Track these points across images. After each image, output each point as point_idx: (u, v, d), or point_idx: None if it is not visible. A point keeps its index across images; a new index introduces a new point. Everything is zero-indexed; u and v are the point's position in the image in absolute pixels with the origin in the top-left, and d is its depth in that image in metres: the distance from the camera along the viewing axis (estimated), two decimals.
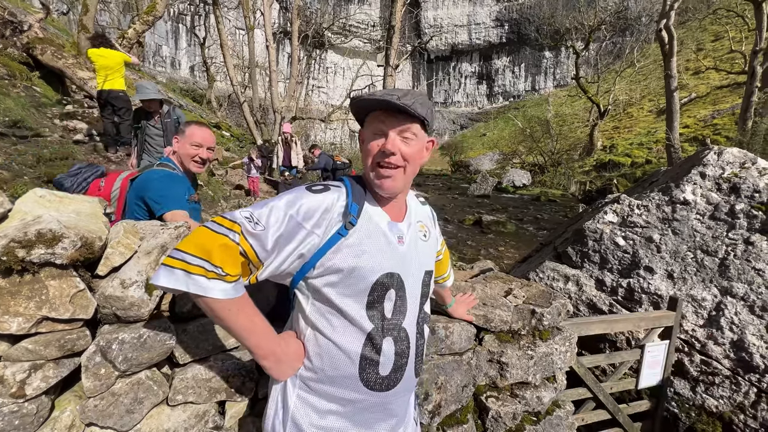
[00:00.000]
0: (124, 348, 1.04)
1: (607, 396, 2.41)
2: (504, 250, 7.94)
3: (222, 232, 0.81)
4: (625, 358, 2.55)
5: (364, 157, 0.96)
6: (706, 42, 31.12)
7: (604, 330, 2.38)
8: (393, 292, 0.94)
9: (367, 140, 0.94)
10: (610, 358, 2.52)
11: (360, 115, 0.98)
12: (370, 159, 0.93)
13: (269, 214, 0.85)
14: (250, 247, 0.83)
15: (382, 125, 0.91)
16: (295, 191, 0.91)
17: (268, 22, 14.23)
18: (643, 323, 2.59)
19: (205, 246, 0.80)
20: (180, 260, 0.79)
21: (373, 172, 0.93)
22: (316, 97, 49.84)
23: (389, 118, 0.90)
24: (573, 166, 19.94)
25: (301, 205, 0.87)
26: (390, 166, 0.91)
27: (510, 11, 51.47)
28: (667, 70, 11.52)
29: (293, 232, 0.86)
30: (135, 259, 1.13)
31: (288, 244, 0.86)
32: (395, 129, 0.90)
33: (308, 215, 0.87)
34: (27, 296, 0.92)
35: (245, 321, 0.87)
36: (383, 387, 0.94)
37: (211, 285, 0.79)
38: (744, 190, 2.84)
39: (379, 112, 0.92)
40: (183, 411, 1.15)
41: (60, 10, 22.35)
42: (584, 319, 2.48)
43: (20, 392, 0.93)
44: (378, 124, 0.91)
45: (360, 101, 0.92)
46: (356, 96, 0.92)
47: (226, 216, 0.85)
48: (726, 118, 19.26)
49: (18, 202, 1.06)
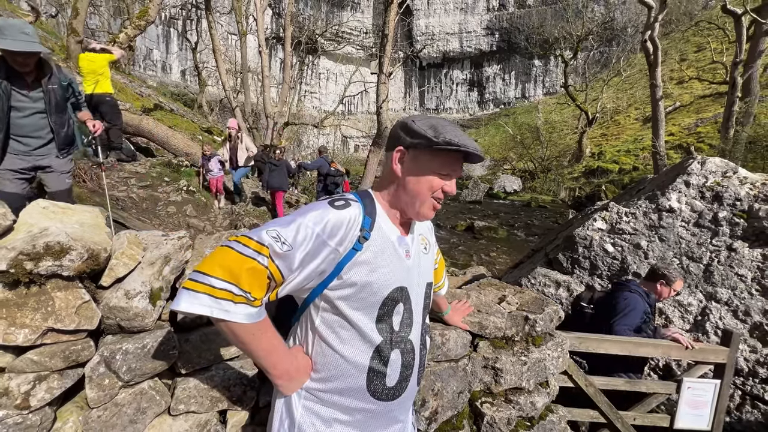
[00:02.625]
0: (127, 358, 1.05)
1: (628, 427, 2.19)
2: (496, 256, 8.02)
3: (250, 255, 0.79)
4: (655, 389, 2.24)
5: (414, 187, 0.95)
6: (689, 53, 32.07)
7: (619, 351, 2.17)
8: (401, 306, 0.97)
9: (427, 175, 0.95)
10: (633, 385, 2.24)
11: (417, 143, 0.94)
12: (428, 194, 0.96)
13: (297, 233, 0.84)
14: (277, 269, 0.82)
15: (455, 170, 0.96)
16: (319, 207, 0.90)
17: (260, 28, 14.27)
18: (680, 353, 2.27)
19: (232, 269, 0.77)
20: (205, 284, 0.76)
21: (426, 205, 0.97)
22: (309, 103, 49.84)
23: (460, 164, 0.97)
24: (562, 173, 20.28)
25: (327, 222, 0.87)
26: (441, 201, 0.98)
27: (500, 20, 52.40)
28: (653, 80, 11.85)
29: (318, 249, 0.85)
30: (139, 270, 1.14)
31: (312, 262, 0.85)
32: (460, 175, 0.98)
33: (333, 232, 0.87)
34: (33, 308, 0.93)
35: (266, 343, 0.87)
36: (389, 397, 0.97)
37: (237, 309, 0.77)
38: (726, 198, 2.95)
39: (455, 155, 0.94)
40: (185, 421, 1.16)
41: (48, 13, 22.06)
42: (597, 336, 2.24)
43: (25, 403, 0.93)
44: (451, 167, 0.95)
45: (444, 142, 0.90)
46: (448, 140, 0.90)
47: (252, 237, 0.82)
48: (709, 127, 19.82)
49: (22, 214, 1.07)
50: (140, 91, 14.78)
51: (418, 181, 0.95)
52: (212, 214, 6.34)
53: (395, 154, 0.98)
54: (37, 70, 2.44)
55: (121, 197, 5.60)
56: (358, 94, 25.22)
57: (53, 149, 2.62)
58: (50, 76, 2.51)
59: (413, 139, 0.94)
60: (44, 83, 2.47)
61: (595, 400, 2.16)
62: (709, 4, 30.82)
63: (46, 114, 2.52)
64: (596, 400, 2.16)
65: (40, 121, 2.52)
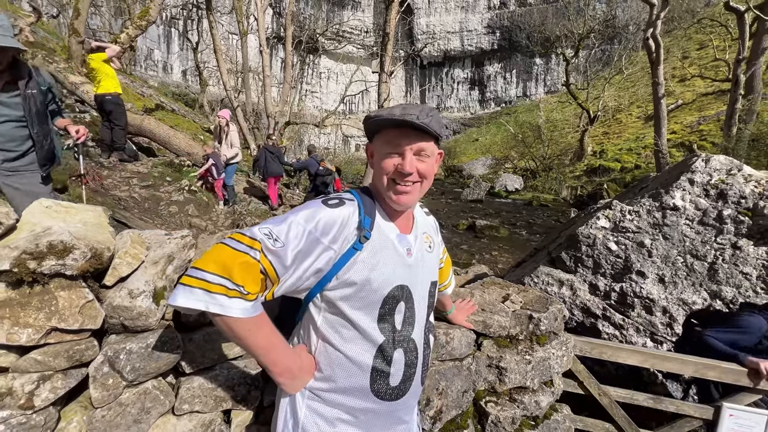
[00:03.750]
0: (131, 358, 1.05)
1: None
2: (498, 255, 8.01)
3: (242, 250, 0.80)
4: (686, 411, 1.97)
5: (377, 173, 0.96)
6: (692, 50, 31.93)
7: (640, 363, 1.99)
8: (403, 305, 0.96)
9: (380, 157, 0.94)
10: (658, 402, 2.01)
11: (371, 130, 0.97)
12: (385, 177, 0.93)
13: (288, 230, 0.84)
14: (269, 264, 0.82)
15: (399, 144, 0.90)
16: (312, 205, 0.91)
17: (261, 28, 14.27)
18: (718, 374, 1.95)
19: (225, 264, 0.78)
20: (199, 279, 0.77)
21: (390, 189, 0.93)
22: (310, 102, 49.84)
23: (406, 137, 0.89)
24: (564, 171, 20.22)
25: (319, 220, 0.87)
26: (407, 183, 0.92)
27: (501, 19, 52.25)
28: (655, 78, 11.79)
29: (311, 247, 0.85)
30: (142, 269, 1.14)
31: (306, 260, 0.85)
32: (412, 148, 0.90)
33: (326, 230, 0.87)
34: (37, 307, 0.93)
35: (263, 340, 0.87)
36: (393, 397, 0.96)
37: (232, 304, 0.78)
38: (731, 196, 2.93)
39: (395, 130, 0.90)
40: (189, 420, 1.16)
41: (50, 13, 22.10)
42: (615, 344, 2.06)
43: (29, 403, 0.93)
44: (394, 142, 0.91)
45: (379, 120, 0.91)
46: (372, 113, 0.91)
47: (245, 233, 0.84)
48: (711, 125, 19.73)
49: (25, 213, 1.07)
50: (142, 91, 14.81)
51: (377, 167, 0.95)
52: (214, 213, 6.34)
53: (367, 150, 1.03)
54: (10, 70, 2.07)
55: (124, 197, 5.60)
56: (359, 93, 25.22)
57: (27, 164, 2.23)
58: (29, 79, 2.15)
59: (366, 134, 0.99)
60: (22, 87, 2.11)
61: (611, 412, 2.03)
62: (711, 1, 30.69)
63: (27, 123, 2.16)
64: (612, 413, 2.03)
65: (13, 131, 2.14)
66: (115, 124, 5.97)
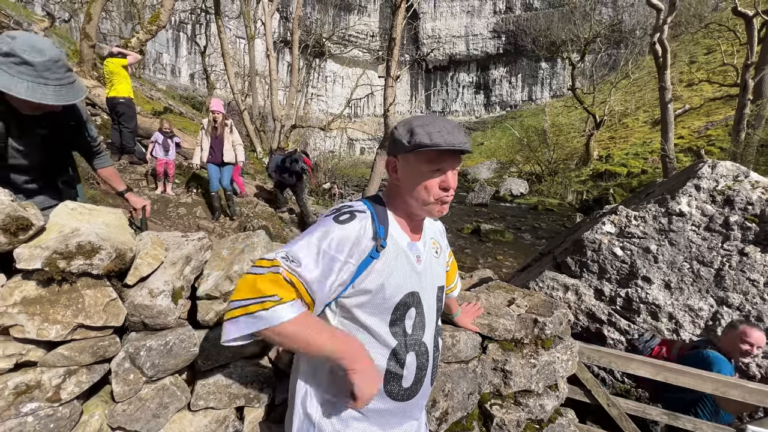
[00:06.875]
0: (151, 354, 1.09)
1: None
2: (503, 259, 8.00)
3: (264, 272, 0.85)
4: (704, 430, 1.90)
5: (410, 188, 0.98)
6: (699, 55, 31.75)
7: (652, 375, 1.95)
8: (413, 311, 1.00)
9: (420, 175, 0.96)
10: (674, 419, 1.96)
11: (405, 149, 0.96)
12: (431, 195, 0.96)
13: (305, 252, 0.89)
14: (297, 279, 0.86)
15: (443, 165, 0.95)
16: (325, 224, 0.94)
17: (269, 32, 14.43)
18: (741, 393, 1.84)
19: (255, 286, 0.83)
20: (238, 308, 0.82)
21: (435, 204, 0.98)
22: (316, 106, 50.18)
23: (450, 159, 0.95)
24: (570, 176, 20.14)
25: (332, 239, 0.90)
26: (447, 198, 0.98)
27: (507, 23, 52.32)
28: (661, 82, 11.75)
29: (329, 265, 0.89)
30: (162, 270, 1.19)
31: (329, 278, 0.89)
32: (454, 168, 0.97)
33: (340, 248, 0.90)
34: (65, 305, 0.98)
35: (317, 333, 0.86)
36: (405, 397, 1.00)
37: (271, 314, 0.81)
38: (738, 203, 2.93)
39: (437, 151, 0.93)
40: (204, 416, 1.20)
41: (62, 18, 22.52)
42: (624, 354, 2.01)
43: (56, 396, 0.98)
44: (438, 162, 0.94)
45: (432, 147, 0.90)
46: (423, 143, 0.91)
47: (265, 257, 0.89)
48: (719, 130, 19.57)
49: (52, 215, 1.12)
50: (150, 95, 15.01)
51: (415, 185, 0.97)
52: (220, 215, 6.41)
53: (389, 164, 1.02)
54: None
55: None
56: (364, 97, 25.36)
57: None
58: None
59: (396, 147, 0.98)
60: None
61: (621, 424, 2.02)
62: (719, 6, 30.50)
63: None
64: (622, 425, 2.02)
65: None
66: (125, 127, 6.08)
